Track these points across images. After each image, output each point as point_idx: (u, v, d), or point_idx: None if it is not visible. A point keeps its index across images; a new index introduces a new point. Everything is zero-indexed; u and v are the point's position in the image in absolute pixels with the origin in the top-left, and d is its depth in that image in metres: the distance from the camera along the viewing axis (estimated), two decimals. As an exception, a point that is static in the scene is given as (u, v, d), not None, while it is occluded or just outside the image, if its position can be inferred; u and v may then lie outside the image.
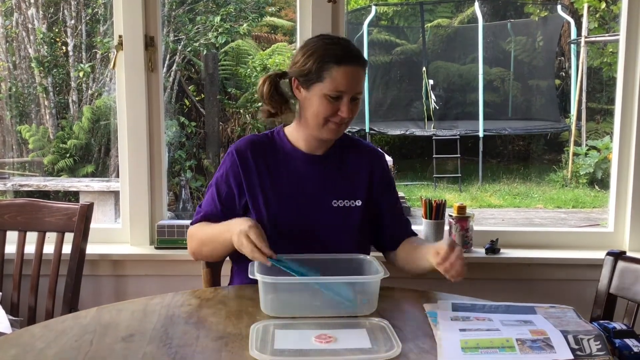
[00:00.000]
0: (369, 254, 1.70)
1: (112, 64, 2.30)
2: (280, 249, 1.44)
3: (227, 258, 1.89)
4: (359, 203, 1.64)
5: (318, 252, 1.52)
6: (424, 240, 1.83)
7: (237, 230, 1.42)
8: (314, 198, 1.62)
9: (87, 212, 2.05)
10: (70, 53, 6.41)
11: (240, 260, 1.69)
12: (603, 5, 8.46)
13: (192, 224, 1.67)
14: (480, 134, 8.78)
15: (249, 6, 7.24)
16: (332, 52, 1.54)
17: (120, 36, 2.27)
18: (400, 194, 2.79)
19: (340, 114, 1.53)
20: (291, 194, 1.62)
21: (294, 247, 1.51)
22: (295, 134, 1.66)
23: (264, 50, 8.50)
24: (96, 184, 5.20)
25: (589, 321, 1.45)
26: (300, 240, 1.58)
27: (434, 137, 8.79)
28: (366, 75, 1.60)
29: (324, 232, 1.61)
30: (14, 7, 6.28)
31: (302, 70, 1.56)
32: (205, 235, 1.60)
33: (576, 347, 1.12)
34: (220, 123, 7.83)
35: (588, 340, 1.14)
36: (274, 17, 9.27)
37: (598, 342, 1.12)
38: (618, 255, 1.61)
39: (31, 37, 6.29)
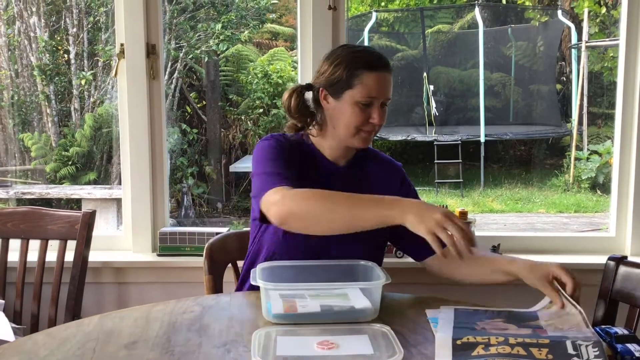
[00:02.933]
0: (381, 259, 1.71)
1: (113, 71, 2.32)
2: (295, 250, 1.49)
3: (230, 265, 1.90)
4: None
5: (331, 258, 1.52)
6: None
7: (434, 215, 1.27)
8: None
9: (89, 220, 2.06)
10: (72, 61, 6.44)
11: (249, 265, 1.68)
12: (603, 10, 8.48)
13: (274, 186, 1.44)
14: (482, 139, 8.78)
15: (250, 13, 7.27)
16: (362, 58, 1.55)
17: (121, 44, 2.28)
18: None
19: (372, 121, 1.53)
20: None
21: (308, 250, 1.53)
22: (319, 143, 1.64)
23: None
24: (98, 192, 5.21)
25: (592, 326, 1.45)
26: (317, 243, 1.53)
27: (435, 143, 8.79)
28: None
29: (341, 237, 1.47)
30: (16, 15, 6.31)
31: (332, 79, 1.55)
32: (343, 199, 1.39)
33: (574, 352, 1.12)
34: (222, 130, 7.85)
35: (586, 346, 1.14)
36: (274, 24, 9.29)
37: (596, 349, 1.13)
38: (619, 260, 1.61)
39: (33, 46, 6.32)
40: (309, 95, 1.64)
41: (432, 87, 9.64)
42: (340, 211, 1.38)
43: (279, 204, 1.40)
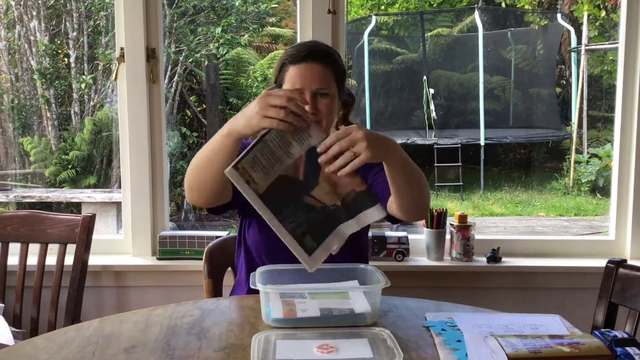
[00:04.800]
0: (367, 261, 1.71)
1: (114, 75, 2.32)
2: (273, 245, 1.45)
3: (230, 269, 1.90)
4: None
5: None
6: None
7: (255, 104, 1.26)
8: None
9: (89, 223, 2.06)
10: (72, 65, 6.44)
11: (242, 270, 1.69)
12: (603, 13, 8.48)
13: None
14: (482, 142, 8.78)
15: (250, 17, 7.28)
16: (288, 53, 1.57)
17: (122, 48, 2.29)
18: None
19: None
20: None
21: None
22: None
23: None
24: (98, 195, 5.20)
25: (591, 329, 1.45)
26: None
27: (435, 146, 8.79)
28: (334, 73, 1.55)
29: None
30: (16, 19, 6.31)
31: (274, 79, 1.61)
32: (199, 152, 1.43)
33: None
34: (222, 133, 7.84)
35: None
36: (274, 27, 9.31)
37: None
38: (619, 264, 1.61)
39: (33, 49, 6.32)
40: None
41: (432, 90, 9.64)
42: (204, 153, 1.40)
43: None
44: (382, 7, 10.99)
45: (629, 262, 1.62)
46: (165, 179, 2.38)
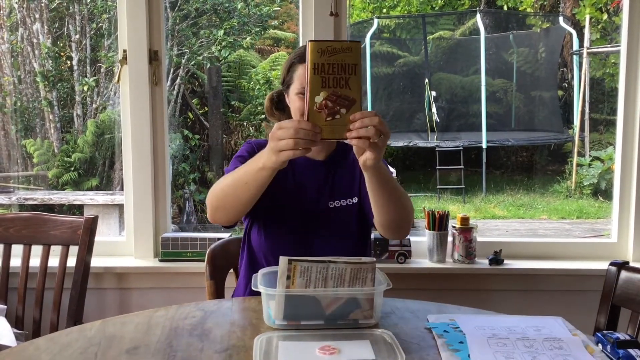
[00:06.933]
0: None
1: (116, 77, 2.33)
2: (278, 249, 1.48)
3: (231, 270, 1.90)
4: (355, 200, 1.67)
5: (314, 253, 1.52)
6: None
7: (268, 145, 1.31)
8: (313, 200, 1.65)
9: (91, 225, 2.06)
10: (75, 67, 6.46)
11: (245, 272, 1.69)
12: (605, 16, 8.49)
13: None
14: (484, 145, 8.79)
15: (252, 20, 7.29)
16: (297, 54, 1.61)
17: (124, 50, 2.29)
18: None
19: None
20: (293, 195, 1.65)
21: (291, 248, 1.54)
22: None
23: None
24: (100, 197, 5.22)
25: (593, 331, 1.45)
26: (299, 240, 1.61)
27: (437, 149, 8.80)
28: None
29: (322, 232, 1.63)
30: (19, 22, 6.34)
31: (282, 79, 1.65)
32: (232, 177, 1.48)
33: None
34: (224, 136, 7.86)
35: None
36: (276, 30, 9.32)
37: None
38: (621, 266, 1.60)
39: (36, 52, 6.34)
40: None
41: (433, 93, 9.65)
42: (235, 179, 1.45)
43: (207, 205, 1.54)
44: (384, 10, 11.01)
45: (631, 264, 1.62)
46: (167, 181, 2.38)
